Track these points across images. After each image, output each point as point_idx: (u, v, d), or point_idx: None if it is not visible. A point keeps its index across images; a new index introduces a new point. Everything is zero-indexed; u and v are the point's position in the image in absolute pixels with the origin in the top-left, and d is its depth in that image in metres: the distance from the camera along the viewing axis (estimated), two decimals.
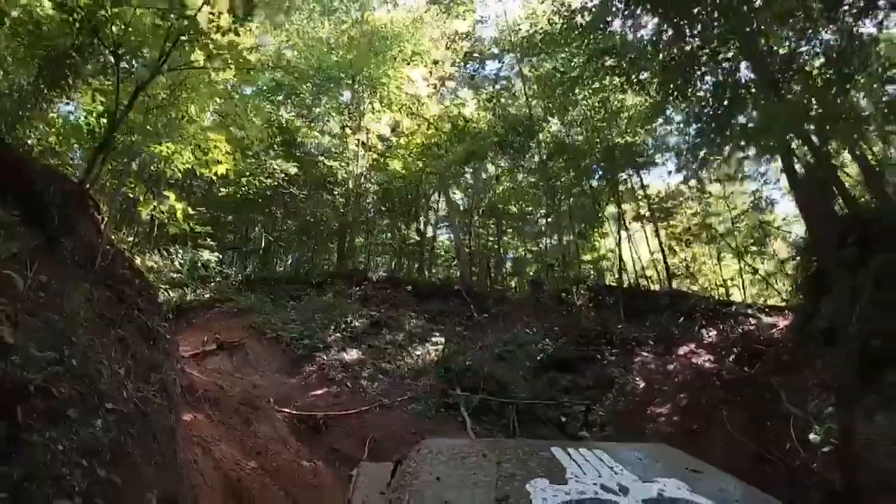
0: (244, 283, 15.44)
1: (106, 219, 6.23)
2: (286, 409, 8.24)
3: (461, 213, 23.33)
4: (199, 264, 12.71)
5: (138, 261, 10.06)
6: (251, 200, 17.33)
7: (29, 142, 6.05)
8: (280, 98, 17.55)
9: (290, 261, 24.33)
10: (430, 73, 17.99)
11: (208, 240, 12.02)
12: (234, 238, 20.15)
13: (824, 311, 9.32)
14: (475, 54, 17.99)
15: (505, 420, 8.53)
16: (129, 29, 5.50)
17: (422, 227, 23.96)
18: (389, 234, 24.90)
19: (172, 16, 5.21)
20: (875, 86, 12.12)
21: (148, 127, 6.64)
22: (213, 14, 5.25)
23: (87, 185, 5.39)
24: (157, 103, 6.57)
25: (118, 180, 7.00)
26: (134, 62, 5.87)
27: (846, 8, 9.52)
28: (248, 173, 14.01)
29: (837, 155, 12.41)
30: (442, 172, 19.34)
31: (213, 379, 8.33)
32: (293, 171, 13.90)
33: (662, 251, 17.89)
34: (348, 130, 18.43)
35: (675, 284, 18.54)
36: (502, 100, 18.26)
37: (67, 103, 6.87)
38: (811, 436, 6.40)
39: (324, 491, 5.63)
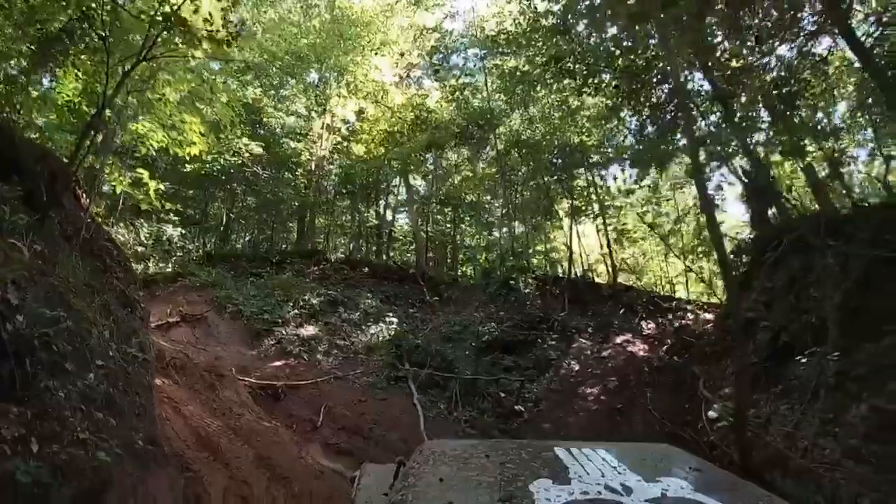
0: (205, 259, 15.76)
1: (89, 197, 6.68)
2: (247, 378, 8.84)
3: (420, 200, 23.94)
4: (164, 239, 12.99)
5: None
6: (214, 177, 17.52)
7: (15, 119, 6.39)
8: (248, 78, 17.72)
9: (247, 238, 24.53)
10: (397, 63, 18.46)
11: (171, 215, 12.31)
12: (194, 213, 20.26)
13: (745, 307, 10.49)
14: (441, 48, 18.47)
15: (448, 393, 9.39)
16: (118, 16, 5.91)
17: (381, 210, 24.54)
18: (349, 217, 25.35)
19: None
20: (822, 103, 13.32)
21: (127, 107, 7.08)
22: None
23: (76, 165, 5.84)
24: (136, 86, 6.97)
25: (96, 157, 7.37)
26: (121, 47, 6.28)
27: (800, 28, 10.58)
28: (215, 151, 14.30)
29: (781, 165, 13.63)
30: (403, 159, 19.92)
31: (178, 348, 8.85)
32: (259, 150, 14.23)
33: (609, 247, 19.01)
34: (314, 114, 18.77)
35: (621, 279, 19.72)
36: (465, 92, 18.83)
37: (52, 83, 7.17)
38: (710, 413, 7.46)
39: (284, 447, 6.32)
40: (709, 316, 13.64)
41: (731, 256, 14.77)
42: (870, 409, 5.98)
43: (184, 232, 15.05)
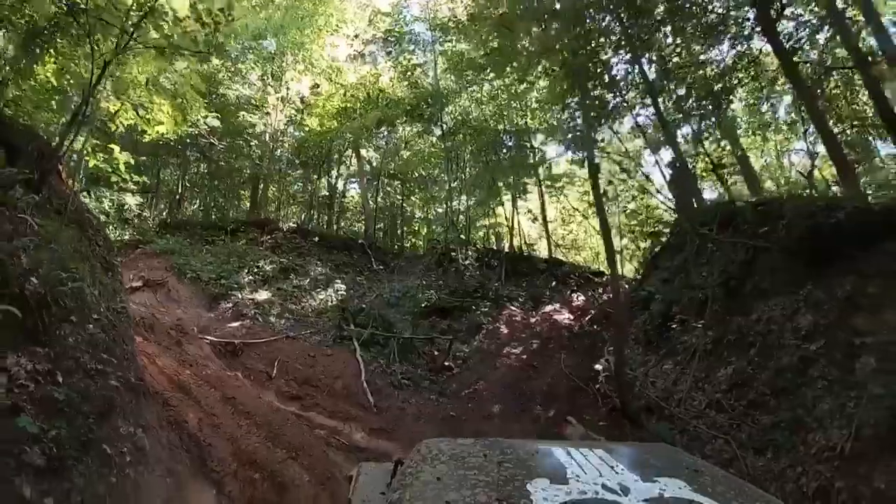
0: (162, 227, 16.40)
1: (71, 174, 7.52)
2: (208, 337, 9.90)
3: (371, 172, 24.78)
4: (125, 207, 13.62)
5: None
6: (169, 145, 17.92)
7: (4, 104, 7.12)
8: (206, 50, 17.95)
9: (198, 205, 24.84)
10: (352, 44, 19.17)
11: (129, 183, 12.92)
12: (148, 181, 20.59)
13: (648, 283, 12.18)
14: (394, 31, 19.24)
15: (388, 350, 10.74)
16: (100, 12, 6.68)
17: (333, 181, 25.30)
18: (301, 186, 25.97)
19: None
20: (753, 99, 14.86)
21: (102, 89, 7.85)
22: None
23: (64, 146, 6.71)
24: (110, 71, 7.75)
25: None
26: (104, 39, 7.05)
27: (739, 26, 11.78)
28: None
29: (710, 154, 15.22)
30: (355, 134, 20.76)
31: (144, 310, 9.80)
32: (216, 123, 14.81)
33: (545, 224, 20.56)
34: (270, 87, 19.32)
35: (560, 255, 21.32)
36: (417, 72, 19.72)
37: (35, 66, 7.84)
38: (596, 366, 9.07)
39: (245, 391, 7.49)
40: None
41: (649, 239, 16.50)
42: (732, 370, 7.67)
43: (142, 200, 15.62)
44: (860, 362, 5.96)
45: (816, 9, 10.79)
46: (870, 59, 9.25)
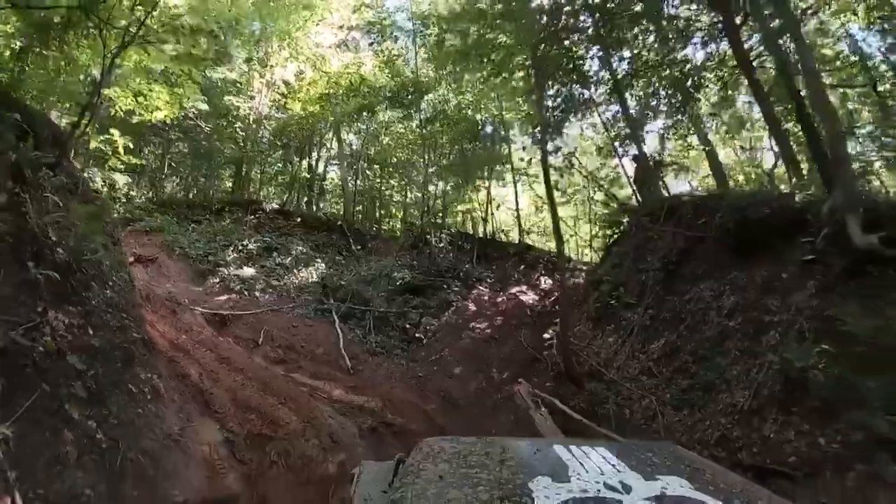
0: (149, 205, 17.07)
1: (83, 156, 8.31)
2: (199, 308, 10.80)
3: (351, 155, 25.52)
4: (115, 186, 14.29)
5: None
6: (153, 125, 18.45)
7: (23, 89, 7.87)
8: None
9: (179, 184, 25.16)
10: (336, 34, 19.86)
11: (118, 163, 13.57)
12: (137, 161, 21.04)
13: (602, 268, 13.37)
14: (377, 22, 19.93)
15: (364, 323, 11.78)
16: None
17: (314, 163, 25.98)
18: (282, 167, 26.39)
19: None
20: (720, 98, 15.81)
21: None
22: None
23: (79, 131, 7.52)
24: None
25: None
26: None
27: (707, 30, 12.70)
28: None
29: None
30: (337, 119, 21.51)
31: (140, 283, 10.63)
32: (204, 107, 15.45)
33: (517, 211, 21.62)
34: (255, 73, 19.94)
35: (531, 241, 22.39)
36: (398, 62, 20.48)
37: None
38: (545, 335, 10.21)
39: (237, 353, 8.46)
40: None
41: (609, 228, 17.57)
42: (664, 342, 8.85)
43: (129, 180, 16.25)
44: (766, 337, 7.16)
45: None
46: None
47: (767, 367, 6.62)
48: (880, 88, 12.22)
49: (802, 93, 8.98)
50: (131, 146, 9.88)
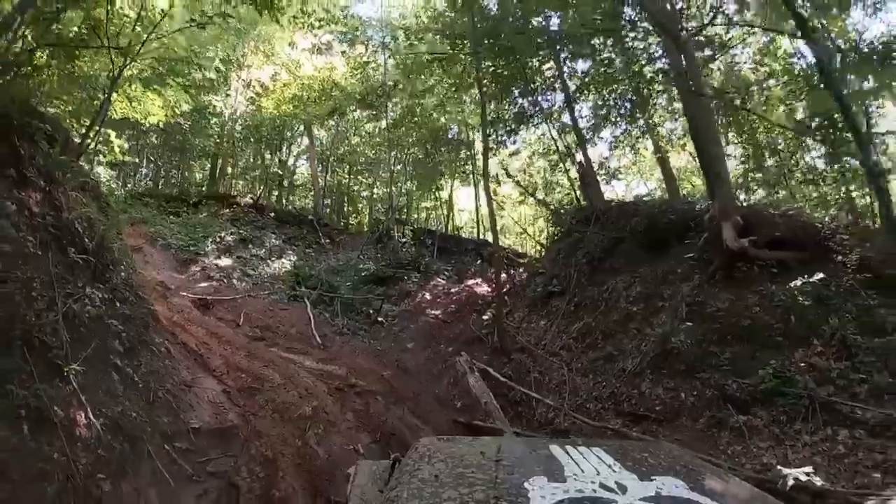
0: (129, 198, 18.20)
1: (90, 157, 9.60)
2: (184, 293, 12.16)
3: (321, 152, 26.91)
4: (104, 180, 15.42)
5: None
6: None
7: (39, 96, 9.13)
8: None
9: (150, 177, 26.16)
10: (309, 39, 21.15)
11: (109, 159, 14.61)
12: (124, 156, 21.88)
13: (542, 261, 15.18)
14: (349, 32, 21.29)
15: (333, 308, 13.37)
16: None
17: (284, 158, 27.24)
18: (254, 161, 27.66)
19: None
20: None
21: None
22: None
23: (90, 135, 8.86)
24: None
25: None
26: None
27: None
28: None
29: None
30: (309, 120, 22.87)
31: None
32: (186, 108, 16.63)
33: (477, 209, 23.34)
34: (233, 75, 21.13)
35: (492, 237, 24.01)
36: (368, 68, 21.94)
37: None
38: (480, 315, 11.97)
39: (223, 329, 9.91)
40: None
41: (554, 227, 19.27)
42: (582, 324, 10.65)
43: (113, 173, 17.36)
44: (656, 318, 9.02)
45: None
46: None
47: (651, 340, 8.49)
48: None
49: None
50: (126, 146, 11.12)
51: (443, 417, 8.42)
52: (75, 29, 9.02)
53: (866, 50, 7.58)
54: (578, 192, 16.70)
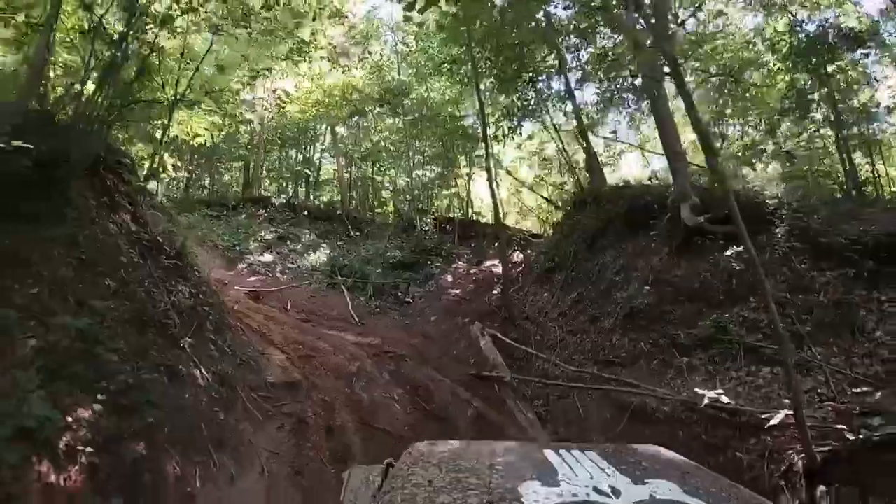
0: (177, 205, 20.35)
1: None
2: (237, 287, 14.16)
3: (345, 148, 28.36)
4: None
5: None
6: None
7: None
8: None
9: (183, 183, 27.76)
10: (330, 54, 22.93)
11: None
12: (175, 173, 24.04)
13: (548, 241, 16.82)
14: (368, 35, 23.01)
15: (366, 292, 15.30)
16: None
17: (310, 157, 29.11)
18: (281, 162, 29.64)
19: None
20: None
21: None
22: None
23: (156, 158, 10.81)
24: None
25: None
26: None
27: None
28: None
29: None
30: (331, 121, 24.71)
31: None
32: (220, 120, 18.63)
33: (493, 195, 24.85)
34: (260, 83, 23.02)
35: (509, 221, 25.63)
36: (383, 70, 23.63)
37: None
38: (493, 291, 13.72)
39: (276, 314, 11.88)
40: None
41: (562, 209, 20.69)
42: (577, 293, 12.31)
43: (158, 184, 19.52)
44: (630, 285, 10.64)
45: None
46: None
47: (623, 303, 10.16)
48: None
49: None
50: (179, 164, 13.05)
51: (459, 372, 10.23)
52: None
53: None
54: (582, 176, 18.14)
